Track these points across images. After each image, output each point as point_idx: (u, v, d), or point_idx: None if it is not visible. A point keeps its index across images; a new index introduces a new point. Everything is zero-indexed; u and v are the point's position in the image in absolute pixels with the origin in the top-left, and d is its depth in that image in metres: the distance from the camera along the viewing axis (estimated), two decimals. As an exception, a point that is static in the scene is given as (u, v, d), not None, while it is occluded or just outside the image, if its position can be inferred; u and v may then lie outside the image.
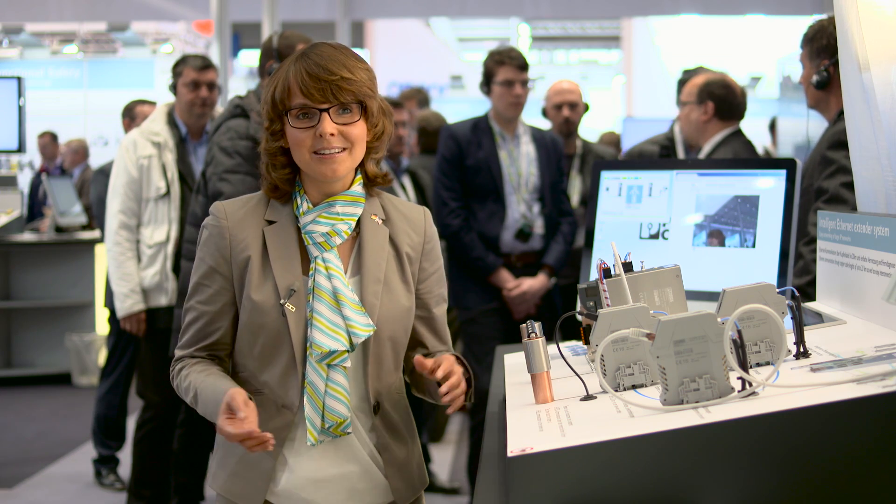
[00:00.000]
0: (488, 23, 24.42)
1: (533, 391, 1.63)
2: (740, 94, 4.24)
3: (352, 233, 2.00)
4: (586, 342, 1.89)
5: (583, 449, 1.27)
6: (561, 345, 1.94)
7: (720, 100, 4.15)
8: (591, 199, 2.58)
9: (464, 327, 4.46)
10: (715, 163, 2.95)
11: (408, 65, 21.64)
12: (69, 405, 6.92)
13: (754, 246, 2.29)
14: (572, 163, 5.01)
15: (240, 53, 18.63)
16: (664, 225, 2.44)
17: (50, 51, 15.13)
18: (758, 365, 1.57)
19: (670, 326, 1.38)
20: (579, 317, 1.83)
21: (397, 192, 4.64)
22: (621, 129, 13.38)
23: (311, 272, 1.94)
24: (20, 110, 6.53)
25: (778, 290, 1.69)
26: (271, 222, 1.98)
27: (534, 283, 4.34)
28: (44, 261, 7.46)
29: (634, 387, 1.58)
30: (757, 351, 1.57)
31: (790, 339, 1.61)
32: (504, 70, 4.36)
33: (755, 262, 2.28)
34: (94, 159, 10.16)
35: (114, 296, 4.35)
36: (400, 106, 4.92)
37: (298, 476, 1.96)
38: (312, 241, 1.96)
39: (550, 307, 4.44)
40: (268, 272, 1.95)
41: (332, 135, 1.90)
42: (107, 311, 5.18)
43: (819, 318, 1.94)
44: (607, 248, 2.41)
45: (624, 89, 23.83)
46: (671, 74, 19.18)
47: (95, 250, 7.41)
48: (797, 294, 1.67)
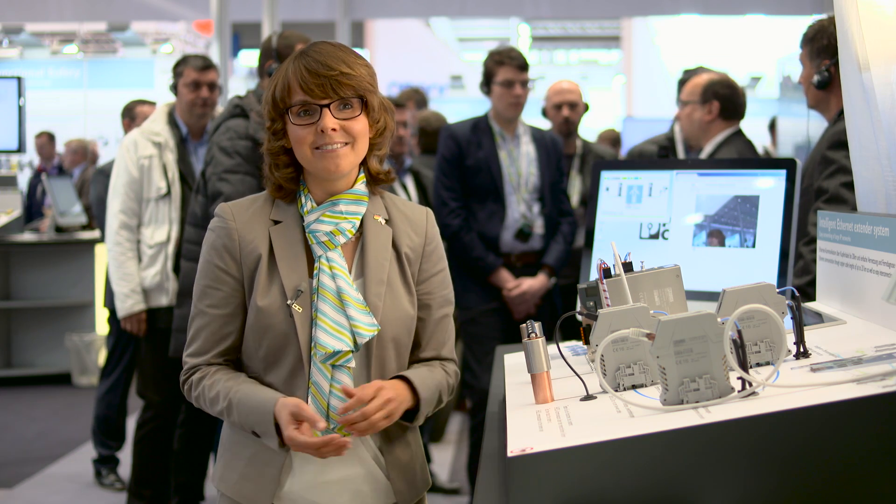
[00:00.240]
0: (488, 23, 24.42)
1: (533, 391, 1.63)
2: (742, 94, 4.25)
3: (356, 233, 2.00)
4: (586, 342, 1.89)
5: (583, 449, 1.27)
6: (561, 345, 1.94)
7: (725, 99, 4.16)
8: (591, 199, 2.58)
9: (464, 327, 4.46)
10: (715, 163, 2.95)
11: (408, 65, 21.65)
12: (69, 405, 6.92)
13: (754, 246, 2.29)
14: (572, 163, 5.01)
15: (240, 53, 18.63)
16: (664, 225, 2.44)
17: (50, 51, 15.14)
18: (758, 365, 1.57)
19: (670, 326, 1.38)
20: (579, 317, 1.83)
21: (398, 192, 4.64)
22: (621, 129, 13.38)
23: (316, 272, 1.94)
24: (20, 110, 6.53)
25: (778, 290, 1.69)
26: (277, 222, 1.98)
27: (534, 283, 4.34)
28: (44, 261, 7.46)
29: (634, 387, 1.58)
30: (757, 351, 1.57)
31: (790, 339, 1.61)
32: (504, 70, 4.36)
33: (755, 262, 2.28)
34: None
35: (114, 296, 4.35)
36: (402, 106, 4.92)
37: (302, 479, 1.96)
38: (316, 240, 1.96)
39: (550, 307, 4.45)
40: (274, 273, 1.94)
41: (334, 130, 1.90)
42: (106, 311, 5.18)
43: (819, 318, 1.94)
44: (607, 248, 2.41)
45: (624, 89, 23.83)
46: (671, 74, 19.18)
47: (95, 250, 7.41)
48: (797, 294, 1.67)
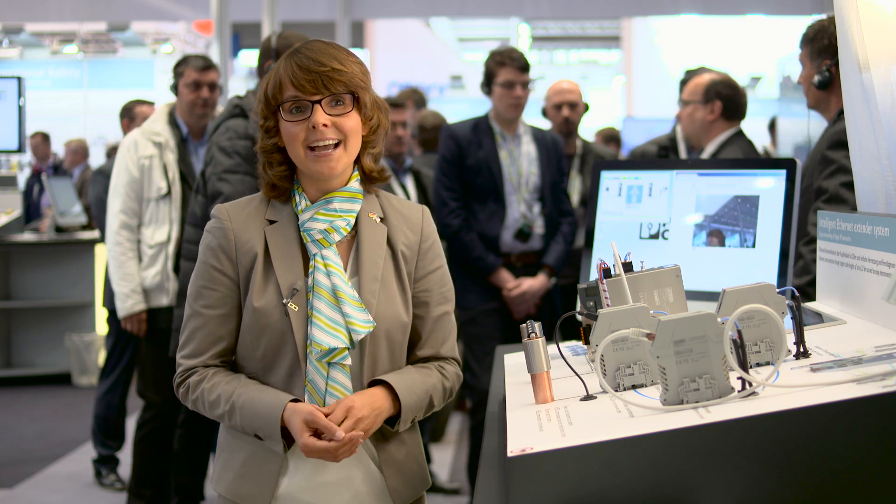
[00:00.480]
0: (488, 23, 24.43)
1: (533, 391, 1.63)
2: (743, 94, 4.25)
3: (351, 232, 2.00)
4: (586, 342, 1.89)
5: (583, 449, 1.27)
6: (561, 345, 1.94)
7: (727, 99, 4.16)
8: (591, 199, 2.58)
9: (464, 327, 4.46)
10: (715, 163, 2.95)
11: (408, 65, 21.66)
12: (69, 405, 6.92)
13: (754, 246, 2.29)
14: (572, 163, 5.01)
15: (240, 53, 18.65)
16: (664, 225, 2.44)
17: (50, 51, 15.15)
18: (758, 365, 1.57)
19: (670, 326, 1.38)
20: (579, 317, 1.83)
21: (398, 192, 4.63)
22: (621, 129, 13.39)
23: (311, 270, 1.94)
24: (20, 110, 6.53)
25: (778, 290, 1.69)
26: (272, 222, 1.98)
27: (534, 283, 4.34)
28: (44, 261, 7.46)
29: (634, 387, 1.58)
30: (757, 351, 1.57)
31: (790, 339, 1.61)
32: (505, 71, 4.36)
33: (755, 262, 2.28)
34: (94, 159, 10.17)
35: (115, 296, 4.35)
36: (401, 106, 4.91)
37: (299, 479, 1.96)
38: (311, 239, 1.96)
39: (550, 307, 4.45)
40: (270, 272, 1.94)
41: (326, 126, 1.90)
42: (105, 311, 5.18)
43: (819, 318, 1.94)
44: (607, 248, 2.41)
45: (624, 89, 23.84)
46: (671, 74, 19.21)
47: (95, 250, 7.41)
48: (797, 294, 1.67)
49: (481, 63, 4.52)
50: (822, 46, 3.18)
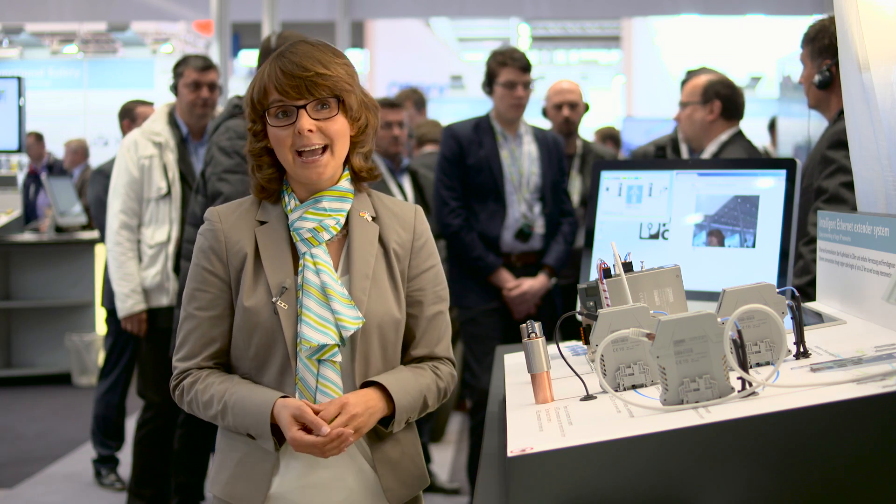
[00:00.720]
0: (488, 23, 24.43)
1: (533, 391, 1.63)
2: (741, 94, 4.26)
3: (342, 231, 2.00)
4: (586, 342, 1.89)
5: (583, 449, 1.27)
6: (561, 345, 1.94)
7: (726, 99, 4.16)
8: (591, 199, 2.58)
9: (464, 327, 4.46)
10: (715, 163, 2.95)
11: (408, 65, 21.64)
12: (69, 405, 6.92)
13: (754, 246, 2.29)
14: (572, 163, 5.01)
15: (240, 53, 18.64)
16: (664, 225, 2.44)
17: (50, 51, 15.13)
18: (758, 365, 1.57)
19: (670, 326, 1.38)
20: (579, 317, 1.83)
21: (395, 192, 4.63)
22: (621, 128, 13.38)
23: (300, 268, 1.94)
24: (20, 110, 6.53)
25: (778, 290, 1.69)
26: (263, 223, 1.99)
27: (534, 284, 4.34)
28: (44, 261, 7.46)
29: (634, 387, 1.58)
30: (757, 351, 1.57)
31: (790, 339, 1.61)
32: (506, 71, 4.36)
33: (755, 262, 2.28)
34: (94, 159, 10.16)
35: (115, 296, 4.35)
36: (398, 106, 4.90)
37: (292, 478, 1.96)
38: (300, 238, 1.96)
39: (551, 307, 4.44)
40: (260, 272, 1.95)
41: (311, 131, 1.90)
42: (104, 311, 5.18)
43: (819, 318, 1.94)
44: (607, 248, 2.41)
45: (624, 89, 23.84)
46: (671, 74, 19.22)
47: (95, 250, 7.41)
48: (797, 294, 1.67)
49: (481, 63, 4.52)
50: (822, 46, 3.18)
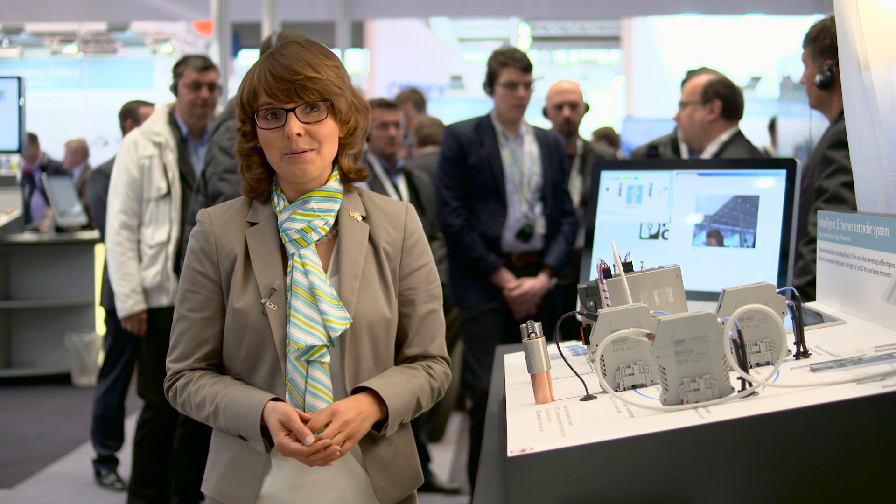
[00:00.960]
0: (488, 23, 24.42)
1: (533, 391, 1.63)
2: (741, 94, 4.26)
3: (332, 231, 2.00)
4: (586, 342, 1.89)
5: (583, 449, 1.27)
6: (561, 345, 1.94)
7: (726, 99, 4.16)
8: (591, 199, 2.58)
9: (464, 327, 4.46)
10: (715, 163, 2.95)
11: (408, 65, 21.63)
12: (69, 405, 6.92)
13: (754, 246, 2.29)
14: (573, 163, 5.01)
15: (240, 53, 18.63)
16: (664, 225, 2.44)
17: (50, 51, 15.12)
18: (758, 365, 1.57)
19: (670, 326, 1.38)
20: (579, 317, 1.83)
21: (390, 193, 4.62)
22: (621, 128, 13.37)
23: (289, 269, 1.94)
24: (20, 110, 6.53)
25: (778, 290, 1.69)
26: (253, 224, 1.99)
27: (535, 284, 4.34)
28: (44, 261, 7.46)
29: (634, 387, 1.58)
30: (757, 351, 1.57)
31: (790, 339, 1.61)
32: (507, 72, 4.36)
33: (755, 262, 2.28)
34: (94, 159, 10.16)
35: (115, 296, 4.35)
36: (394, 107, 4.90)
37: (283, 478, 1.96)
38: (289, 239, 1.97)
39: (551, 307, 4.45)
40: (249, 273, 1.95)
41: (300, 135, 1.90)
42: (103, 311, 5.18)
43: (819, 318, 1.94)
44: (607, 248, 2.41)
45: (624, 89, 23.83)
46: (671, 74, 19.21)
47: (95, 250, 7.41)
48: (797, 294, 1.67)
49: (481, 63, 4.52)
50: (824, 46, 3.17)
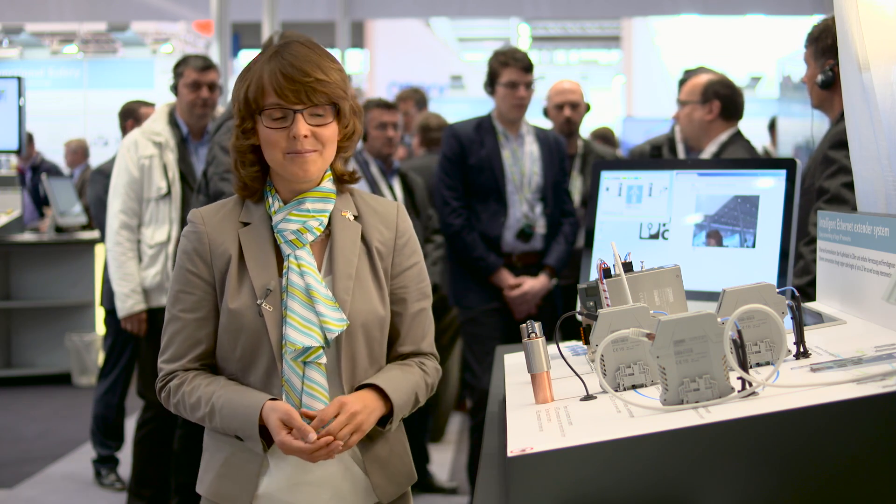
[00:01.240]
0: (488, 23, 24.42)
1: (533, 391, 1.63)
2: (741, 94, 4.25)
3: (325, 231, 2.00)
4: (586, 342, 1.89)
5: (583, 449, 1.27)
6: (561, 345, 1.94)
7: (726, 99, 4.16)
8: (591, 199, 2.58)
9: (464, 327, 4.46)
10: (715, 163, 2.95)
11: (408, 65, 21.62)
12: (69, 405, 6.91)
13: (754, 246, 2.29)
14: (573, 163, 5.01)
15: (240, 53, 18.62)
16: (664, 225, 2.44)
17: (50, 51, 15.11)
18: (758, 365, 1.57)
19: (670, 326, 1.38)
20: (579, 317, 1.83)
21: (385, 194, 4.61)
22: (621, 128, 13.37)
23: (285, 270, 1.95)
24: (20, 110, 6.53)
25: (778, 290, 1.69)
26: (246, 224, 1.99)
27: (535, 284, 4.34)
28: (44, 261, 7.45)
29: (634, 387, 1.57)
30: (757, 351, 1.57)
31: (790, 339, 1.61)
32: (508, 72, 4.36)
33: (755, 262, 2.28)
34: (94, 159, 10.15)
35: (115, 296, 4.35)
36: (393, 108, 4.89)
37: (280, 478, 1.96)
38: (284, 240, 1.97)
39: (551, 307, 4.44)
40: (244, 274, 1.95)
41: (306, 136, 1.90)
42: (103, 311, 5.17)
43: (819, 318, 1.94)
44: (607, 248, 2.41)
45: (624, 89, 23.83)
46: (671, 74, 19.19)
47: (95, 250, 7.41)
48: (797, 294, 1.67)
49: (481, 63, 4.52)
50: (825, 46, 3.17)
